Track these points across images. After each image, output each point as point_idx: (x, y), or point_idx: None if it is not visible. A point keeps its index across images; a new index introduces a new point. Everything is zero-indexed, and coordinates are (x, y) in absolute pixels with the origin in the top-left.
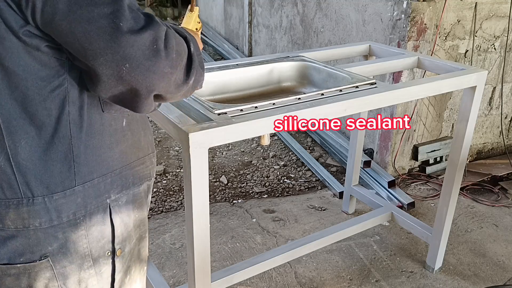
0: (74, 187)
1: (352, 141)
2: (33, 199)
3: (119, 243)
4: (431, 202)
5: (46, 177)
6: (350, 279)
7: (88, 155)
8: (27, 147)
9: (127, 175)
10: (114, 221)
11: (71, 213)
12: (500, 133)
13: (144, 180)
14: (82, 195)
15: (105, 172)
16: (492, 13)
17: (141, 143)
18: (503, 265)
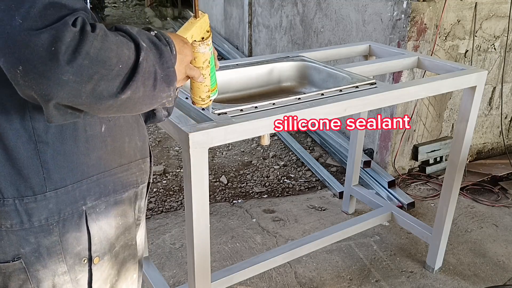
0: (45, 192)
1: (352, 141)
2: (4, 200)
3: (97, 251)
4: (431, 202)
5: (16, 179)
6: (350, 279)
7: (59, 161)
8: None
9: (107, 182)
10: (91, 228)
11: (43, 218)
12: (500, 133)
13: (129, 187)
14: (55, 201)
15: (80, 179)
16: (492, 13)
17: (125, 149)
18: (503, 265)
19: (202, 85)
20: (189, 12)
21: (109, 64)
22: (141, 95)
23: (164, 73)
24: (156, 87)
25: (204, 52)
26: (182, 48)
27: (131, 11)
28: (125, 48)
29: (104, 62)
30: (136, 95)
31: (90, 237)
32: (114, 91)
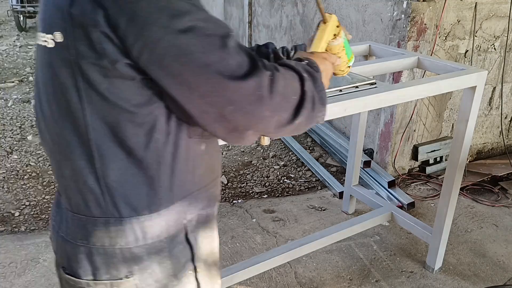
0: (159, 210)
1: (352, 141)
2: (121, 220)
3: (199, 261)
4: (431, 202)
5: (134, 199)
6: (350, 279)
7: (173, 179)
8: (116, 170)
9: (202, 197)
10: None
11: (155, 235)
12: (500, 133)
13: (216, 200)
14: (166, 218)
15: (185, 195)
16: (492, 13)
17: (215, 166)
18: (503, 265)
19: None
20: None
21: (289, 97)
22: (306, 118)
23: (319, 95)
24: (315, 109)
25: (338, 44)
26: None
27: None
28: (294, 81)
29: (287, 97)
30: (303, 119)
31: (192, 249)
32: (291, 118)
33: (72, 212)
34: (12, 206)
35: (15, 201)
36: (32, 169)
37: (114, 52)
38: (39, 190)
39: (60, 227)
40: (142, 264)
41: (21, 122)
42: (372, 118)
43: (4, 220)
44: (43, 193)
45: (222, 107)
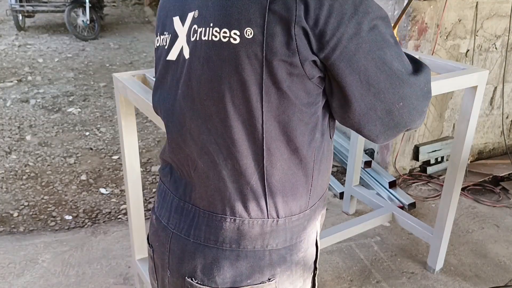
0: (306, 210)
1: (353, 141)
2: (278, 220)
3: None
4: (432, 203)
5: (291, 199)
6: (350, 280)
7: (319, 179)
8: (281, 169)
9: (326, 196)
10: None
11: (298, 235)
12: (501, 133)
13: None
14: (307, 218)
15: (320, 195)
16: (493, 12)
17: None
18: (504, 266)
19: None
20: None
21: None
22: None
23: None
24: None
25: None
26: None
27: (130, 10)
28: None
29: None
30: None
31: (317, 250)
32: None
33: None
34: (11, 206)
35: (13, 202)
36: (30, 169)
37: (306, 50)
38: (37, 191)
39: (192, 233)
40: (285, 266)
41: (20, 122)
42: None
43: (3, 221)
44: (42, 193)
45: (393, 103)
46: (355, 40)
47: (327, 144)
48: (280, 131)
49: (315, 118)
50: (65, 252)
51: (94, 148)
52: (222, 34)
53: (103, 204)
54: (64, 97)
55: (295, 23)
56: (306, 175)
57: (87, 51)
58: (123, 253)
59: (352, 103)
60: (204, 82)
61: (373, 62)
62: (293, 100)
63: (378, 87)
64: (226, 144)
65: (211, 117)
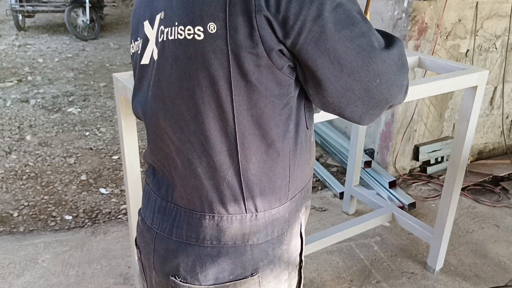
0: (286, 202)
1: (353, 141)
2: (257, 215)
3: (302, 254)
4: (432, 203)
5: (269, 193)
6: (350, 280)
7: (297, 170)
8: (256, 163)
9: (308, 188)
10: (302, 233)
11: (280, 228)
12: (501, 133)
13: (311, 190)
14: (289, 210)
15: (302, 187)
16: (493, 12)
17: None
18: (504, 266)
19: None
20: None
21: (408, 68)
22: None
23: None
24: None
25: None
26: None
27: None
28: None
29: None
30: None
31: (302, 241)
32: (406, 84)
33: (201, 212)
34: (11, 206)
35: (13, 202)
36: (30, 169)
37: (271, 39)
38: (37, 191)
39: (174, 232)
40: (267, 260)
41: (20, 122)
42: None
43: (3, 221)
44: (42, 193)
45: (369, 81)
46: (319, 21)
47: (304, 135)
48: (253, 124)
49: (288, 109)
50: (65, 252)
51: (94, 148)
52: (187, 32)
53: (103, 204)
54: (64, 97)
55: (255, 12)
56: (284, 167)
57: (87, 51)
58: (123, 253)
59: (327, 86)
60: (173, 81)
61: (341, 42)
62: (264, 92)
63: (350, 66)
64: (199, 141)
65: (182, 115)
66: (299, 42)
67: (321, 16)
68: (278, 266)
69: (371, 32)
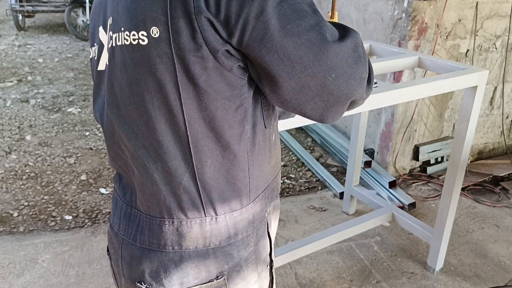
0: (248, 204)
1: (353, 141)
2: (216, 218)
3: (273, 254)
4: (432, 203)
5: (228, 195)
6: (350, 280)
7: (257, 171)
8: (212, 166)
9: (274, 187)
10: (270, 233)
11: (244, 230)
12: (501, 133)
13: (279, 188)
14: (252, 212)
15: (264, 187)
16: (493, 12)
17: (279, 155)
18: (504, 266)
19: None
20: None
21: (366, 58)
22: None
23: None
24: (371, 76)
25: None
26: None
27: None
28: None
29: (366, 56)
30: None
31: (271, 241)
32: (370, 81)
33: (160, 218)
34: (11, 206)
35: (13, 202)
36: (30, 169)
37: (215, 40)
38: (37, 191)
39: (138, 238)
40: (233, 262)
41: (20, 122)
42: (372, 118)
43: (3, 221)
44: (42, 194)
45: (324, 76)
46: (262, 18)
47: (262, 134)
48: (206, 127)
49: (243, 110)
50: (65, 252)
51: (94, 148)
52: (132, 37)
53: (103, 204)
54: (64, 97)
55: (195, 14)
56: (242, 169)
57: (87, 51)
58: None
59: (281, 83)
60: (124, 87)
61: (288, 37)
62: (214, 95)
63: (301, 62)
64: (153, 147)
65: (135, 121)
66: (244, 41)
67: (264, 13)
68: (245, 268)
69: (322, 24)
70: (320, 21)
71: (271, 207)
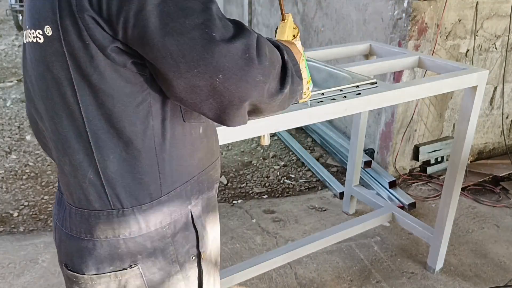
0: (160, 197)
1: (353, 141)
2: (123, 210)
3: (203, 247)
4: (432, 203)
5: (135, 189)
6: (350, 280)
7: (172, 165)
8: (116, 161)
9: (203, 180)
10: (196, 226)
11: (158, 222)
12: (501, 133)
13: (215, 183)
14: (167, 204)
15: (186, 180)
16: (493, 12)
17: (214, 148)
18: (504, 266)
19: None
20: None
21: (275, 64)
22: (289, 90)
23: (295, 68)
24: (294, 82)
25: (300, 47)
26: (292, 48)
27: None
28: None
29: (273, 62)
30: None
31: (198, 234)
32: (278, 87)
33: (75, 207)
34: (11, 206)
35: (13, 202)
36: (30, 169)
37: (103, 37)
38: (37, 191)
39: (64, 224)
40: (146, 252)
41: (20, 122)
42: (372, 118)
43: (3, 221)
44: (42, 193)
45: (211, 77)
46: (142, 15)
47: (182, 128)
48: (105, 124)
49: (146, 106)
50: None
51: None
52: (33, 35)
53: None
54: None
55: (78, 13)
56: (150, 164)
57: None
58: None
59: (171, 82)
60: (34, 83)
61: (170, 36)
62: (110, 92)
63: (186, 61)
64: (60, 141)
65: (45, 115)
66: (128, 39)
67: (143, 11)
68: (162, 258)
69: (210, 23)
70: (209, 20)
71: (200, 200)
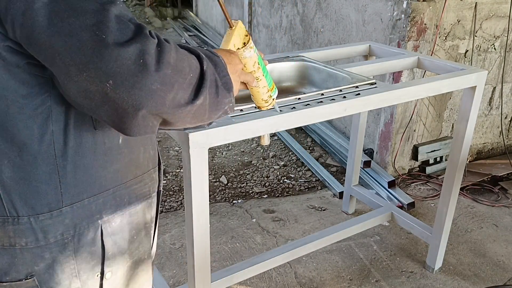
0: (61, 208)
1: (352, 141)
2: (18, 219)
3: (110, 266)
4: (431, 202)
5: (31, 197)
6: (350, 279)
7: (78, 175)
8: (10, 166)
9: (122, 194)
10: (105, 242)
11: (58, 233)
12: (500, 133)
13: (142, 198)
14: (71, 216)
15: (97, 192)
16: (492, 13)
17: (140, 160)
18: (503, 265)
19: (260, 87)
20: (188, 12)
21: (184, 73)
22: (209, 102)
23: (222, 80)
24: (219, 94)
25: (251, 56)
26: (230, 58)
27: (131, 11)
28: (191, 58)
29: (180, 71)
30: (206, 102)
31: (105, 251)
32: (190, 98)
33: None
34: None
35: None
36: None
37: None
38: None
39: None
40: (44, 264)
41: None
42: (372, 118)
43: None
44: None
45: (101, 82)
46: (28, 15)
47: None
48: None
49: (46, 109)
50: None
51: None
52: None
53: None
54: None
55: None
56: (48, 171)
57: None
58: None
59: (64, 85)
60: None
61: (57, 37)
62: (3, 93)
63: (74, 64)
64: None
65: None
66: (17, 38)
67: (30, 9)
68: (60, 272)
69: (102, 25)
70: (101, 22)
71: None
